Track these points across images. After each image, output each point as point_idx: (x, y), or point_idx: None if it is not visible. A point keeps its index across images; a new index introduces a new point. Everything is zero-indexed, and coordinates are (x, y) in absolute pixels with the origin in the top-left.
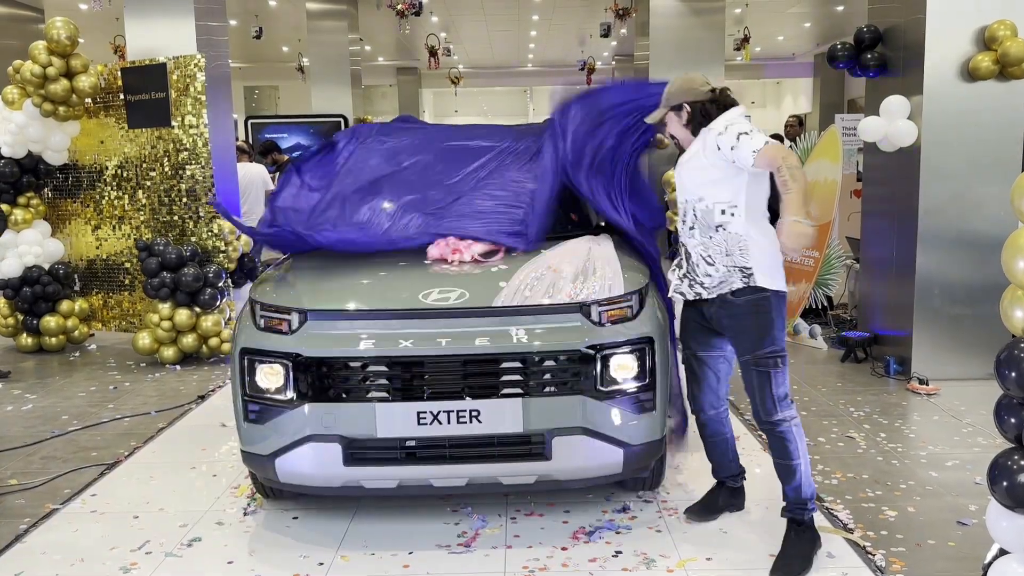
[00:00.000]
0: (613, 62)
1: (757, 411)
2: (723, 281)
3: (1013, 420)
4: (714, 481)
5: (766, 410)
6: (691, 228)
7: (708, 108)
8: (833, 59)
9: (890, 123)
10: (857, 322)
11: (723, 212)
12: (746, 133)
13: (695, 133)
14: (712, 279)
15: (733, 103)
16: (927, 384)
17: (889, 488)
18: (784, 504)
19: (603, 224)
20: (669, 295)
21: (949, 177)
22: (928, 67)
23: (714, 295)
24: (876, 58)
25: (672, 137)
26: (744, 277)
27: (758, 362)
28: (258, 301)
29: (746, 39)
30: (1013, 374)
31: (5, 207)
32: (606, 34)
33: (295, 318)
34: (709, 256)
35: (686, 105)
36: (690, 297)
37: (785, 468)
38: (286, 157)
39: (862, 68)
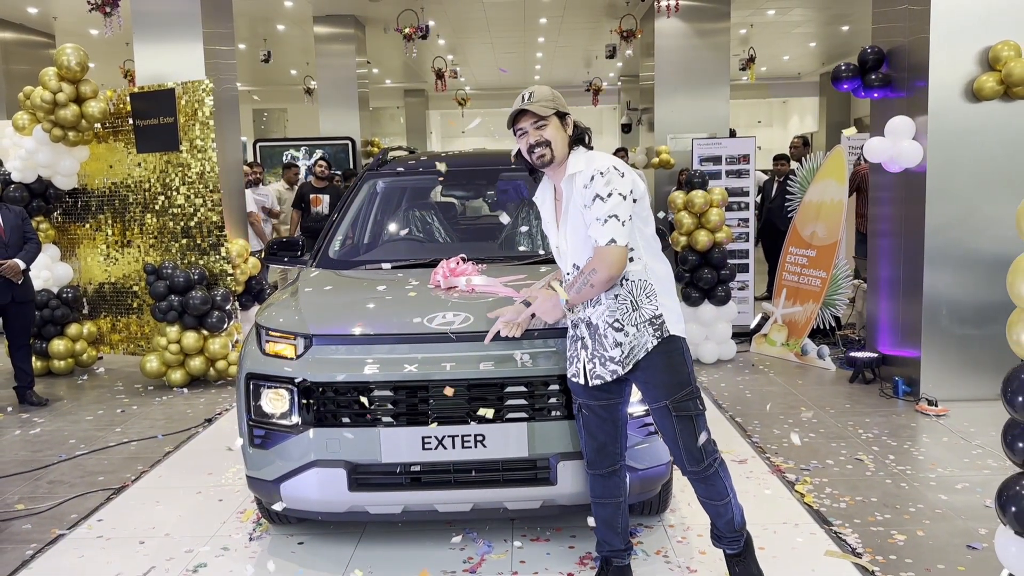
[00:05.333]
0: (619, 83)
1: (682, 462)
2: (635, 346)
3: (1021, 444)
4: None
5: (694, 459)
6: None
7: (580, 128)
8: (837, 80)
9: (895, 144)
10: (865, 342)
11: (630, 260)
12: (603, 199)
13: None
14: (623, 349)
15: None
16: (936, 405)
17: (898, 511)
18: (717, 537)
19: None
20: (580, 381)
21: (955, 197)
22: (933, 87)
23: (630, 366)
24: (880, 78)
25: (539, 148)
26: (655, 330)
27: (678, 407)
28: (264, 326)
29: (751, 59)
30: (1020, 398)
31: None
32: (611, 55)
33: (300, 343)
34: (617, 321)
35: (569, 115)
36: (608, 379)
37: (717, 507)
38: (253, 168)
39: (866, 88)
